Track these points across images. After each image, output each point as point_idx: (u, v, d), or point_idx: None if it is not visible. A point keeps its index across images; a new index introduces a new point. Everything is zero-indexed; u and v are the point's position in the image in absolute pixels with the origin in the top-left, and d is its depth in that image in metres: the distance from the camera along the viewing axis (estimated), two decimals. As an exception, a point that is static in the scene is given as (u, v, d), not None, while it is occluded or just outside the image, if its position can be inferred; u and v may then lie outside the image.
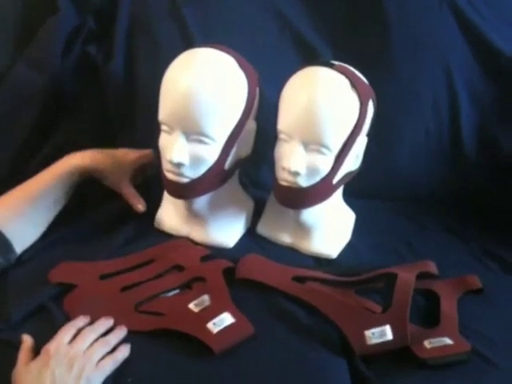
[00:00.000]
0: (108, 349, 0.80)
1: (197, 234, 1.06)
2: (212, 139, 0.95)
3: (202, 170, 0.97)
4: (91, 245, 1.03)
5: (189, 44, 1.16)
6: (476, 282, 0.99)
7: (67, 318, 0.84)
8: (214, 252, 1.02)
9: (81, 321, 0.83)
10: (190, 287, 0.93)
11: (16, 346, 0.80)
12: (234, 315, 0.85)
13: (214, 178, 1.00)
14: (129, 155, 1.11)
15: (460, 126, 1.25)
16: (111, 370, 0.77)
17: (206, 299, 0.89)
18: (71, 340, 0.79)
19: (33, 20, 1.17)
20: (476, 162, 1.26)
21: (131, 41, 1.22)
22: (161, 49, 1.21)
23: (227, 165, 1.00)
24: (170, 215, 1.08)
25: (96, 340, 0.80)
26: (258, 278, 0.95)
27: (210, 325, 0.83)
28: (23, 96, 1.16)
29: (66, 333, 0.80)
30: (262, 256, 1.01)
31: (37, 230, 1.00)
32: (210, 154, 0.96)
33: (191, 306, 0.88)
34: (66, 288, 0.90)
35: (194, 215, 1.06)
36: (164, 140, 0.97)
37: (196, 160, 0.95)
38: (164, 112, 0.96)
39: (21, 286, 0.90)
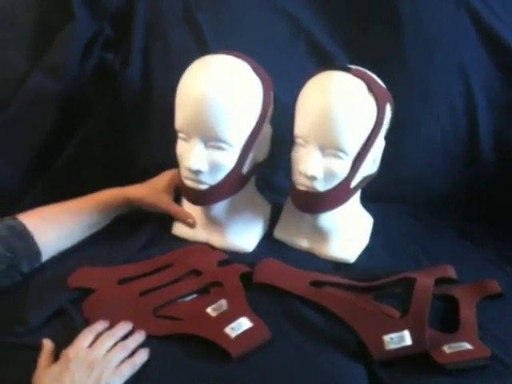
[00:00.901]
0: (127, 353, 0.80)
1: (216, 239, 1.07)
2: (230, 145, 0.95)
3: (220, 175, 0.97)
4: (109, 250, 1.03)
5: (203, 49, 1.17)
6: (495, 286, 0.98)
7: (86, 323, 0.85)
8: (232, 257, 1.02)
9: (100, 325, 0.84)
10: (207, 292, 0.93)
11: (36, 350, 0.80)
12: (251, 320, 0.85)
13: (233, 184, 1.00)
14: (162, 180, 1.12)
15: (477, 128, 1.24)
16: (130, 375, 0.78)
17: (223, 304, 0.89)
18: (90, 344, 0.80)
19: (50, 27, 1.17)
20: (493, 164, 1.25)
21: (147, 47, 1.23)
22: (176, 54, 1.21)
23: (245, 169, 1.00)
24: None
25: (115, 344, 0.81)
26: (275, 283, 0.95)
27: (227, 329, 0.83)
28: (40, 102, 1.17)
29: (85, 337, 0.80)
30: (279, 261, 1.01)
31: (65, 245, 1.01)
32: (228, 159, 0.97)
33: (209, 310, 0.88)
34: (85, 292, 0.91)
35: (212, 221, 1.06)
36: (182, 147, 0.97)
37: (214, 166, 0.96)
38: (181, 120, 0.96)
39: (40, 290, 0.91)
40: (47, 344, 0.80)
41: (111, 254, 1.02)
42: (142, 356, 0.80)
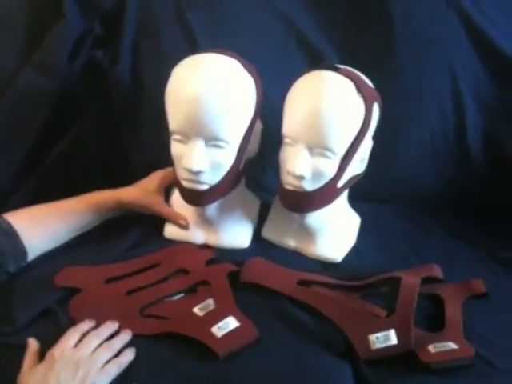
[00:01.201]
0: (113, 353, 0.80)
1: (212, 238, 1.07)
2: (228, 143, 0.96)
3: (220, 174, 0.98)
4: (97, 249, 1.03)
5: (194, 48, 1.17)
6: (481, 286, 0.99)
7: (72, 322, 0.85)
8: (219, 256, 1.02)
9: (86, 325, 0.84)
10: (194, 291, 0.94)
11: (22, 349, 0.80)
12: (238, 319, 0.85)
13: (231, 182, 1.01)
14: (153, 181, 1.12)
15: (466, 128, 1.25)
16: (116, 374, 0.78)
17: (210, 303, 0.89)
18: (76, 344, 0.80)
19: (40, 25, 1.17)
20: (482, 164, 1.26)
21: (137, 45, 1.23)
22: (166, 53, 1.21)
23: (241, 166, 1.01)
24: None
25: (101, 344, 0.81)
26: (262, 282, 0.95)
27: (214, 329, 0.83)
28: (31, 101, 1.17)
29: (70, 337, 0.80)
30: (266, 260, 1.01)
31: (52, 245, 1.01)
32: (227, 157, 0.97)
33: (196, 309, 0.88)
34: (72, 292, 0.91)
35: (206, 221, 1.06)
36: (178, 149, 0.97)
37: (215, 165, 0.96)
38: (177, 121, 0.95)
39: (27, 290, 0.91)
40: (32, 344, 0.80)
41: (99, 254, 1.01)
42: (128, 355, 0.80)
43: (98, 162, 1.25)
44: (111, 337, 0.83)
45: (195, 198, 1.00)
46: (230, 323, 0.85)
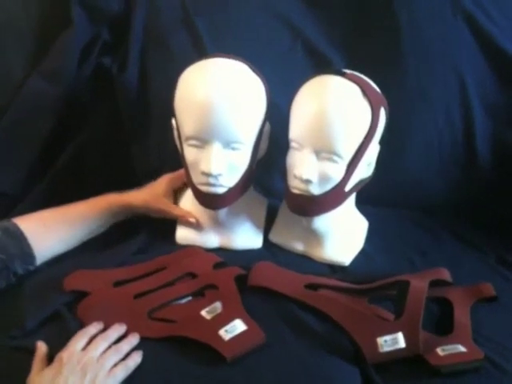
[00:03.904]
0: (120, 356, 0.80)
1: (225, 241, 1.08)
2: (243, 144, 0.97)
3: (237, 176, 0.99)
4: (105, 253, 1.04)
5: (201, 54, 1.17)
6: (490, 289, 0.98)
7: (81, 325, 0.85)
8: (227, 259, 1.03)
9: (94, 328, 0.84)
10: (202, 294, 0.94)
11: (31, 352, 0.80)
12: (245, 322, 0.85)
13: (246, 183, 1.02)
14: (161, 185, 1.11)
15: (474, 134, 1.25)
16: (123, 377, 0.78)
17: (218, 306, 0.89)
18: (84, 347, 0.80)
19: (48, 32, 1.18)
20: (490, 169, 1.26)
21: (145, 51, 1.23)
22: (173, 59, 1.22)
23: (254, 167, 1.03)
24: (190, 229, 1.09)
25: (109, 347, 0.81)
26: (270, 286, 0.95)
27: (221, 332, 0.83)
28: (39, 107, 1.18)
29: (78, 340, 0.81)
30: (274, 264, 1.01)
31: (61, 249, 1.01)
32: (243, 159, 0.99)
33: (203, 313, 0.88)
34: (80, 295, 0.91)
35: (219, 224, 1.07)
36: (195, 154, 0.97)
37: (231, 167, 0.98)
38: (192, 127, 0.96)
39: (36, 293, 0.92)
40: (41, 347, 0.81)
41: (107, 258, 1.02)
42: (136, 359, 0.80)
43: (104, 167, 1.26)
44: (119, 340, 0.83)
45: (213, 201, 1.01)
46: (238, 326, 0.85)
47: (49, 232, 0.99)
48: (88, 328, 0.84)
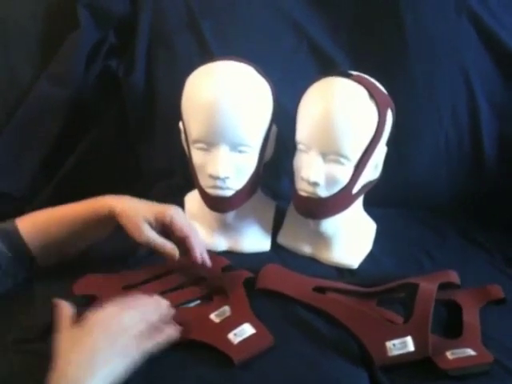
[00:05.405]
0: (151, 328, 0.78)
1: (234, 244, 1.08)
2: (250, 147, 0.98)
3: (244, 179, 1.00)
4: (114, 257, 1.03)
5: (207, 55, 1.18)
6: (499, 291, 0.98)
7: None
8: (234, 262, 1.03)
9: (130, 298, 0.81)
10: (211, 298, 0.94)
11: (41, 356, 0.80)
12: (254, 326, 0.85)
13: (253, 185, 1.02)
14: (157, 209, 0.95)
15: (480, 133, 1.25)
16: (152, 351, 0.76)
17: (226, 310, 0.89)
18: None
19: (54, 36, 1.19)
20: (497, 169, 1.25)
21: (151, 54, 1.24)
22: (179, 61, 1.22)
23: (261, 170, 1.03)
24: (200, 231, 1.07)
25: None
26: (278, 289, 0.95)
27: (230, 335, 0.83)
28: (46, 110, 1.19)
29: (112, 305, 0.78)
30: (282, 266, 1.01)
31: (61, 252, 0.96)
32: (250, 161, 0.99)
33: (212, 316, 0.88)
34: (91, 299, 0.91)
35: (227, 227, 1.07)
36: (202, 157, 0.98)
37: (239, 170, 0.98)
38: (199, 131, 0.97)
39: (47, 297, 0.91)
40: (64, 305, 0.78)
41: (115, 262, 1.02)
42: (169, 333, 0.78)
43: (113, 169, 1.26)
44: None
45: (221, 204, 1.01)
46: (246, 330, 0.85)
47: (43, 232, 0.94)
48: (125, 298, 0.81)
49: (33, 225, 0.94)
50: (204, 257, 0.94)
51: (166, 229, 0.93)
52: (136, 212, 0.92)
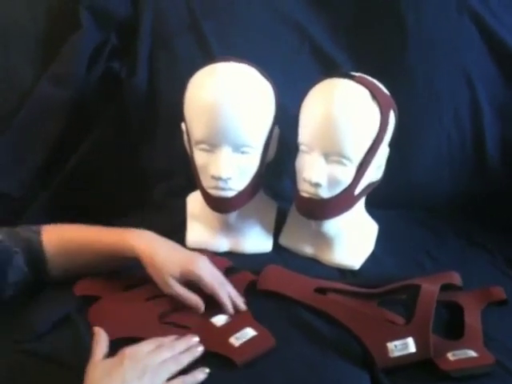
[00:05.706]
0: (179, 366, 0.78)
1: (235, 245, 1.08)
2: (252, 148, 0.98)
3: (246, 180, 1.00)
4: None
5: (208, 56, 1.18)
6: (500, 293, 0.98)
7: (91, 328, 0.84)
8: (237, 263, 1.02)
9: (168, 339, 0.82)
10: (212, 301, 0.93)
11: (41, 356, 0.80)
12: (255, 329, 0.85)
13: (255, 186, 1.02)
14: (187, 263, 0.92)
15: (483, 135, 1.24)
16: None
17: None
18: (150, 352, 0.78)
19: (56, 37, 1.19)
20: (499, 170, 1.25)
21: (153, 55, 1.24)
22: (181, 63, 1.22)
23: (263, 170, 1.03)
24: (200, 234, 1.09)
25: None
26: (279, 290, 0.95)
27: (232, 339, 0.83)
28: (47, 111, 1.19)
29: (148, 343, 0.79)
30: (283, 267, 1.01)
31: (76, 272, 0.94)
32: (252, 162, 1.00)
33: (214, 320, 0.88)
34: (92, 299, 0.91)
35: (229, 228, 1.07)
36: (205, 158, 0.98)
37: (241, 171, 0.98)
38: (202, 132, 0.97)
39: (47, 298, 0.92)
40: (101, 333, 0.79)
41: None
42: (197, 376, 0.78)
43: (114, 170, 1.26)
44: None
45: (223, 205, 1.01)
46: (248, 333, 0.85)
47: (62, 247, 0.92)
48: (163, 338, 0.82)
49: (58, 242, 0.92)
50: (236, 305, 0.91)
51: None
52: (162, 265, 0.89)
